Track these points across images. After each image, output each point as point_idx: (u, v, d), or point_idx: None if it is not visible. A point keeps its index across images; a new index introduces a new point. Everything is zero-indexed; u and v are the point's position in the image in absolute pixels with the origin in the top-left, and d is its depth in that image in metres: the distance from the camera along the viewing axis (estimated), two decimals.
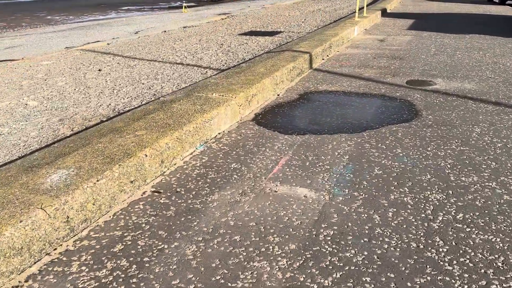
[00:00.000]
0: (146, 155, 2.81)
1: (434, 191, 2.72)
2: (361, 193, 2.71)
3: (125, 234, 2.30)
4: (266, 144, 3.49)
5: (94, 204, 2.40)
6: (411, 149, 3.36)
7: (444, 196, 2.65)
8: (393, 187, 2.78)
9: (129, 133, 3.13)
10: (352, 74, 5.83)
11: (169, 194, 2.73)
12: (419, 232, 2.29)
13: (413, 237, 2.26)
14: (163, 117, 3.46)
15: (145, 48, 7.70)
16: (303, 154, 3.29)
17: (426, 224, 2.37)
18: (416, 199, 2.63)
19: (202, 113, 3.56)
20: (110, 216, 2.48)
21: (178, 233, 2.32)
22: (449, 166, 3.07)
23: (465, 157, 3.22)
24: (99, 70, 6.11)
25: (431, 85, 5.30)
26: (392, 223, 2.38)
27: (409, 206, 2.55)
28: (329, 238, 2.26)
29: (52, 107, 4.40)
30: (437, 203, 2.58)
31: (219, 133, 3.73)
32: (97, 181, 2.42)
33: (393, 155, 3.25)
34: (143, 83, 5.34)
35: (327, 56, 7.06)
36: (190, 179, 2.92)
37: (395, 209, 2.52)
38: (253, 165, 3.13)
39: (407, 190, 2.74)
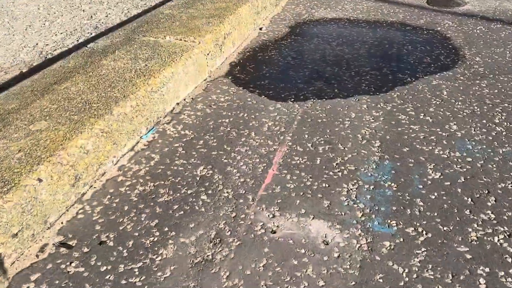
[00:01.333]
0: (41, 180, 1.58)
1: None
2: (419, 228, 1.59)
3: None
4: (250, 123, 2.26)
5: None
6: (471, 123, 2.20)
7: None
8: (468, 210, 1.66)
9: (21, 126, 1.85)
10: None
11: (86, 250, 1.55)
12: None
13: None
14: (82, 88, 2.15)
15: None
16: (308, 141, 2.10)
17: None
18: None
19: (147, 77, 2.26)
20: None
21: None
22: None
23: None
24: None
25: (460, 4, 3.99)
26: None
27: (509, 260, 1.46)
28: None
29: None
30: None
31: (177, 104, 2.46)
32: None
33: (448, 137, 2.09)
34: (84, 10, 3.93)
35: None
36: (126, 208, 1.73)
37: (487, 268, 1.43)
38: (232, 168, 1.93)
39: (493, 216, 1.63)
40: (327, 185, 1.81)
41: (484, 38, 3.22)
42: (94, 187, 1.83)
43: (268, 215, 1.66)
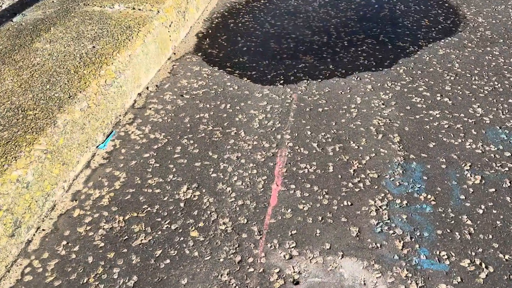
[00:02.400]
0: None
1: None
2: (476, 260, 1.26)
3: None
4: (236, 117, 1.81)
5: None
6: (496, 104, 1.87)
7: None
8: None
9: None
10: None
11: None
12: None
13: None
14: (11, 87, 1.60)
15: None
16: (313, 139, 1.69)
17: None
18: None
19: (98, 65, 1.73)
20: None
21: None
22: None
23: None
24: None
25: None
26: None
27: None
28: None
29: None
30: None
31: (139, 95, 1.95)
32: None
33: (476, 125, 1.75)
34: None
35: None
36: (90, 260, 1.27)
37: None
38: (224, 185, 1.50)
39: None
40: (349, 203, 1.43)
41: None
42: (43, 230, 1.35)
43: (284, 256, 1.27)
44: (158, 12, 2.15)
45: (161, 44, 2.14)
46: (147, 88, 1.99)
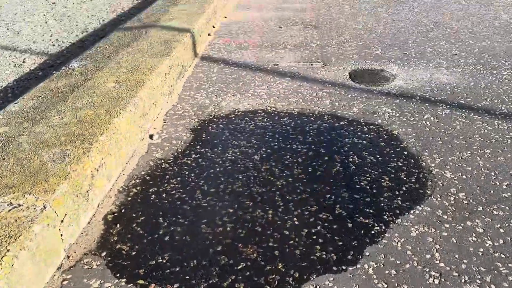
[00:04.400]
0: None
1: None
2: None
3: None
4: None
5: None
6: None
7: None
8: None
9: None
10: (263, 66, 3.63)
11: None
12: None
13: None
14: None
15: None
16: None
17: None
18: None
19: None
20: None
21: None
22: None
23: None
24: None
25: (388, 80, 3.40)
26: None
27: None
28: None
29: None
30: None
31: None
32: None
33: None
34: None
35: (213, 27, 4.71)
36: None
37: None
38: None
39: None
40: None
41: (439, 134, 2.56)
42: None
43: None
44: (44, 208, 1.59)
45: (46, 254, 1.55)
46: None
